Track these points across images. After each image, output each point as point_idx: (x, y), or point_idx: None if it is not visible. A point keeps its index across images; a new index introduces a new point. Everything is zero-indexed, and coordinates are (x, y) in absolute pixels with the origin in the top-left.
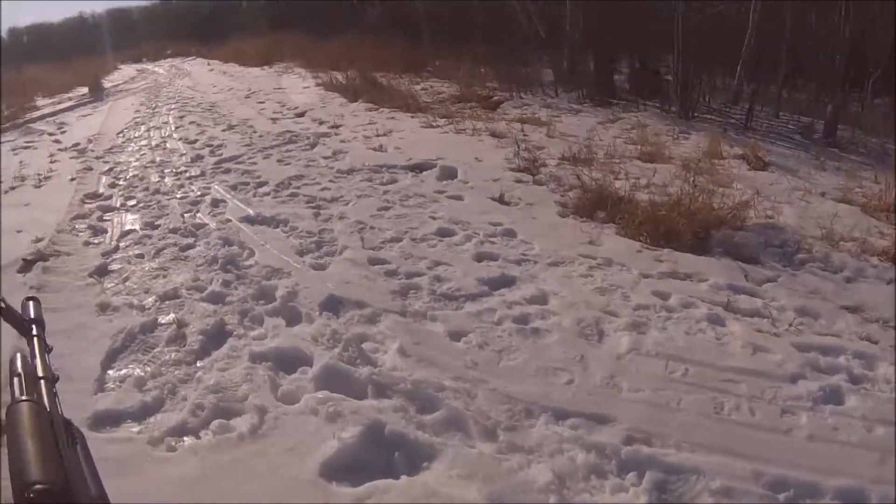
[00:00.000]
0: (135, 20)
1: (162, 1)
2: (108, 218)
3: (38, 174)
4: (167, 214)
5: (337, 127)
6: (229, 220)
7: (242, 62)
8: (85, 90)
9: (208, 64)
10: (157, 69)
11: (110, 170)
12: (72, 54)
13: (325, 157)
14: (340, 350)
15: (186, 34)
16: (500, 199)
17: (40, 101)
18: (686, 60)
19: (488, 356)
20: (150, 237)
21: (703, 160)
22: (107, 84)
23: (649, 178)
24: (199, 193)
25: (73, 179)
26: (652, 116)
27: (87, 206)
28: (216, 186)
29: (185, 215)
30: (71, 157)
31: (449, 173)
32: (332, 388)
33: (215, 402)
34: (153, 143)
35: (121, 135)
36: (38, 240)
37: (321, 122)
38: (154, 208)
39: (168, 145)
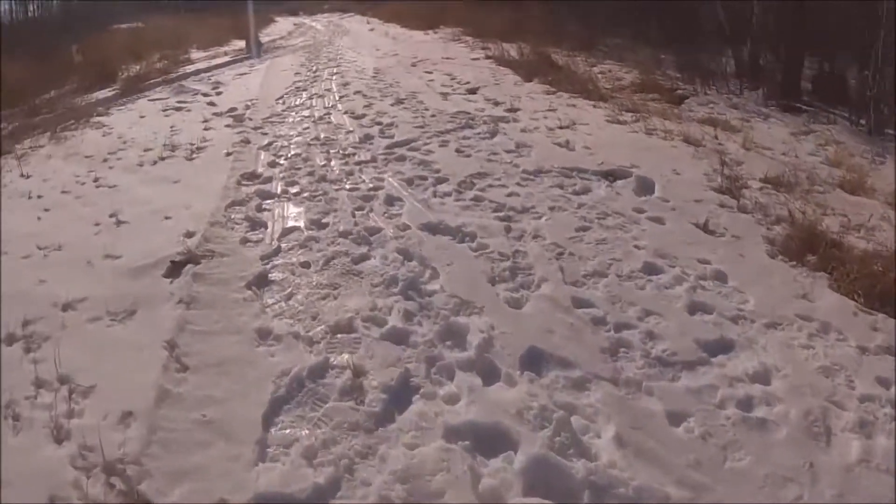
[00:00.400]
0: None
1: None
2: (267, 207)
3: (191, 143)
4: (335, 210)
5: (514, 111)
6: (408, 227)
7: (404, 23)
8: (241, 44)
9: (368, 23)
10: (314, 24)
11: (270, 144)
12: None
13: (508, 151)
14: (550, 434)
15: None
16: (705, 228)
17: (194, 55)
18: (884, 70)
19: (712, 453)
20: (316, 240)
21: None
22: (264, 38)
23: (858, 216)
24: (370, 186)
25: (228, 154)
26: (842, 131)
27: (243, 189)
28: (390, 178)
29: (357, 213)
30: (226, 126)
31: (646, 186)
32: (543, 488)
33: (405, 497)
34: (316, 114)
35: (280, 101)
36: (190, 234)
37: (496, 104)
38: (320, 200)
39: (333, 119)
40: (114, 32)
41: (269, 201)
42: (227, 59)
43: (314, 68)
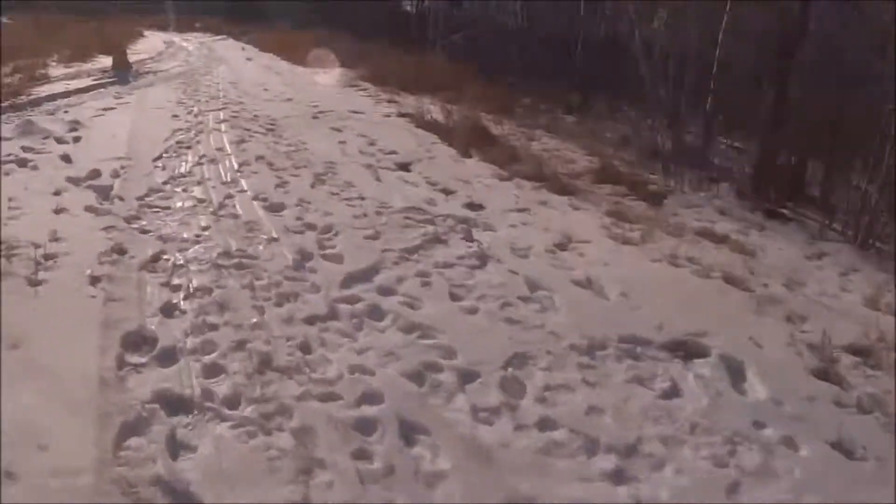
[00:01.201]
0: None
1: None
2: (188, 441)
3: (36, 246)
4: (324, 467)
5: (478, 208)
6: None
7: (286, 55)
8: (107, 62)
9: (243, 49)
10: (185, 44)
11: (156, 260)
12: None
13: (524, 299)
14: None
15: (217, 8)
16: (843, 449)
17: (53, 70)
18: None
19: None
20: None
21: None
22: (132, 57)
23: None
24: (356, 392)
25: (95, 280)
26: (840, 249)
27: (132, 382)
28: (382, 370)
29: (365, 476)
30: (87, 209)
31: (737, 373)
32: None
33: None
34: (213, 196)
35: (159, 165)
36: None
37: (447, 192)
38: (283, 429)
39: (238, 207)
40: None
41: (185, 420)
42: (89, 81)
43: (195, 110)
